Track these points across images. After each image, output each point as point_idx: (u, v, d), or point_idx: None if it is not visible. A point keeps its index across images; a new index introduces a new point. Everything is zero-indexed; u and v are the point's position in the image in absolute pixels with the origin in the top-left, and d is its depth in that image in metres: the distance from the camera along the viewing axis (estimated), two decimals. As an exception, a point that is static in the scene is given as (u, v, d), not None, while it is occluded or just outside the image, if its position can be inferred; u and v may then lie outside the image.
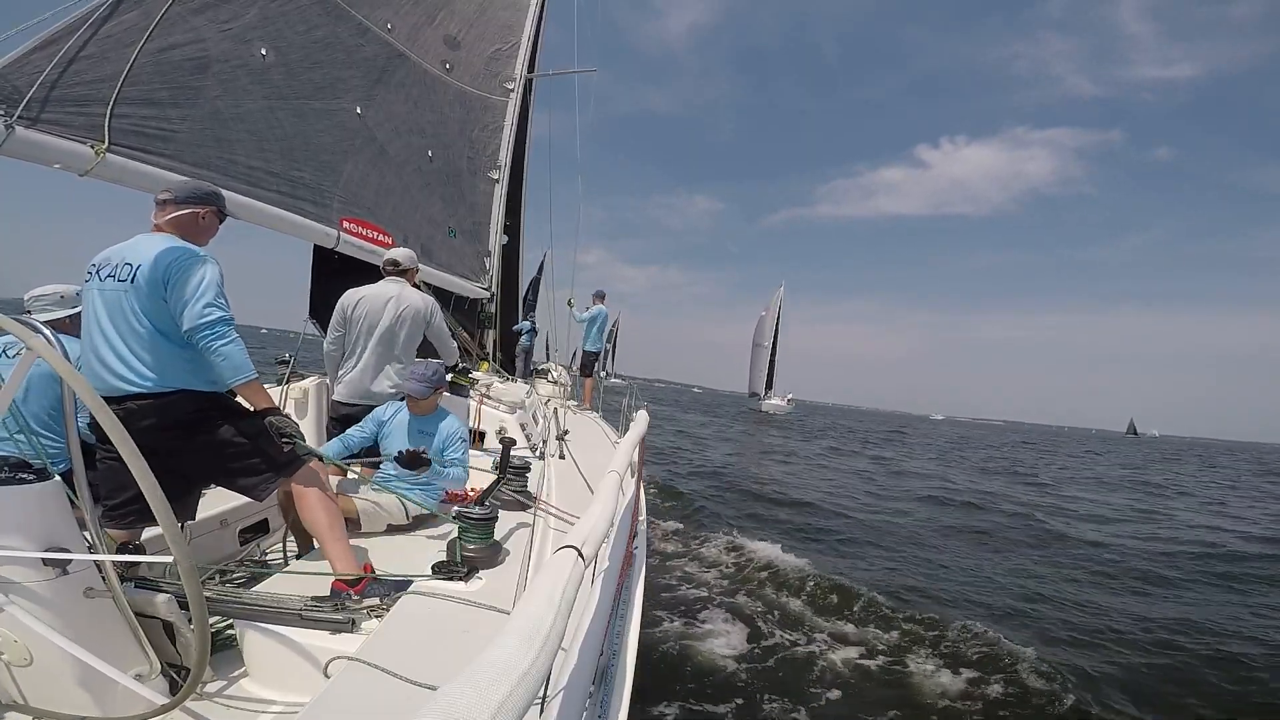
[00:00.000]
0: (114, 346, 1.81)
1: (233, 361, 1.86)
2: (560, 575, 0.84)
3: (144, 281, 1.81)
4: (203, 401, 1.90)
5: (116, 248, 1.91)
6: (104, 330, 1.82)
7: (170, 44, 2.95)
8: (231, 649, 1.74)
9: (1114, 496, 15.25)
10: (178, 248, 1.87)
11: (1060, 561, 7.65)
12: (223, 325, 1.85)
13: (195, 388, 1.88)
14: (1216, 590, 6.84)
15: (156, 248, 1.85)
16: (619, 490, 1.51)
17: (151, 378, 1.81)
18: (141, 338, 1.82)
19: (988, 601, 5.86)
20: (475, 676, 0.53)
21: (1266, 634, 5.33)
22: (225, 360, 1.85)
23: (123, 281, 1.82)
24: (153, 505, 1.24)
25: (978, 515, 10.57)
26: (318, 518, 2.00)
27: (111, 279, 1.84)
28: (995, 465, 22.53)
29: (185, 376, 1.86)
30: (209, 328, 1.82)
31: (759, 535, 7.26)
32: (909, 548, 7.85)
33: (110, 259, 1.88)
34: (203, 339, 1.82)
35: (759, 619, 4.94)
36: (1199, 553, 8.55)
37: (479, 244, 5.93)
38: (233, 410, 1.97)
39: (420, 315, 3.30)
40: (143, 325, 1.82)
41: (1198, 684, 4.38)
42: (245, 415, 1.98)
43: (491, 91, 6.00)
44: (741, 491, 10.85)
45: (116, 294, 1.83)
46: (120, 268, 1.84)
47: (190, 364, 1.87)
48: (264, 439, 1.95)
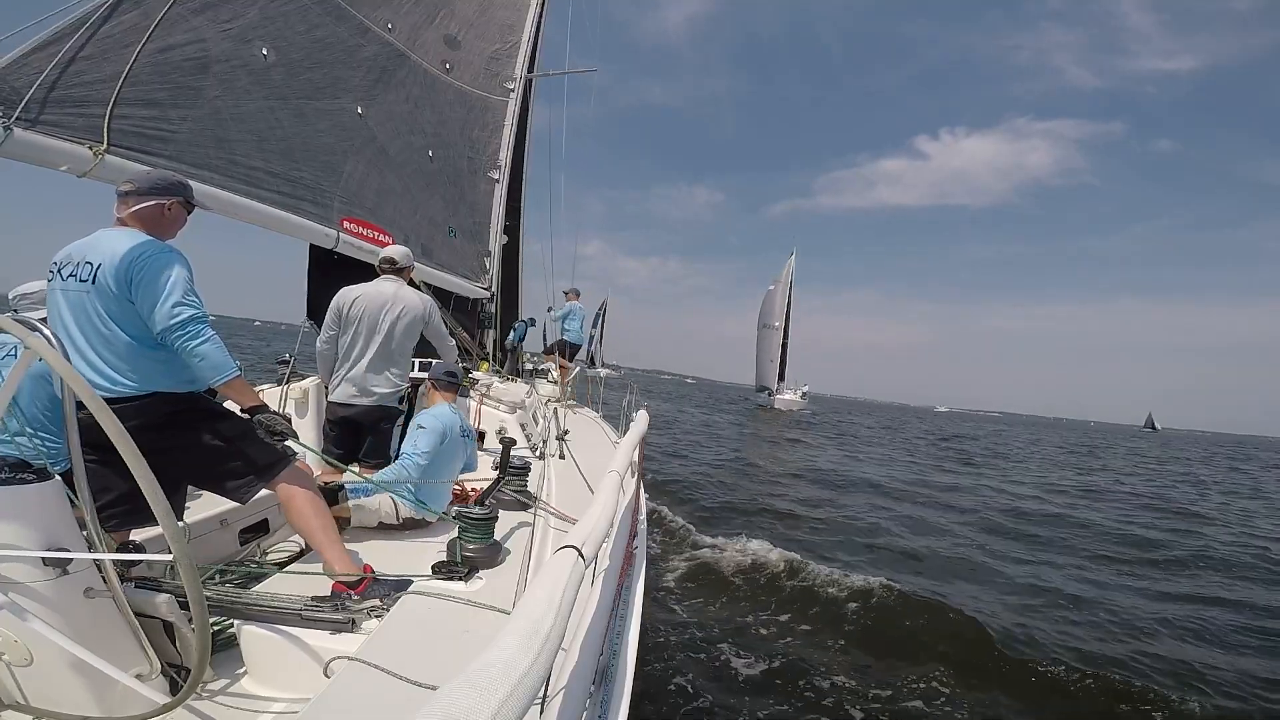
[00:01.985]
0: (80, 351, 1.73)
1: (211, 360, 1.78)
2: (560, 575, 0.84)
3: (107, 281, 1.71)
4: (179, 403, 1.84)
5: (78, 244, 1.81)
6: (70, 333, 1.74)
7: (170, 44, 2.95)
8: (231, 649, 1.74)
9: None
10: (141, 244, 1.77)
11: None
12: (195, 324, 1.75)
13: (170, 389, 1.81)
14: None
15: (119, 244, 1.75)
16: (619, 490, 1.52)
17: (123, 382, 1.75)
18: (109, 340, 1.74)
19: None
20: (475, 676, 0.53)
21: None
22: (203, 360, 1.77)
23: (84, 281, 1.73)
24: (153, 506, 1.24)
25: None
26: (308, 521, 1.94)
27: (73, 279, 1.75)
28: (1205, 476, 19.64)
29: (159, 378, 1.79)
30: (181, 327, 1.73)
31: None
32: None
33: (71, 256, 1.77)
34: (176, 339, 1.74)
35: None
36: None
37: (479, 244, 5.93)
38: (212, 412, 1.91)
39: (418, 314, 3.27)
40: (108, 328, 1.74)
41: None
42: (225, 416, 1.93)
43: (491, 91, 6.00)
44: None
45: (79, 295, 1.74)
46: (81, 266, 1.74)
47: (163, 365, 1.80)
48: (245, 440, 1.89)
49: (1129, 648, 4.84)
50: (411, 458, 2.65)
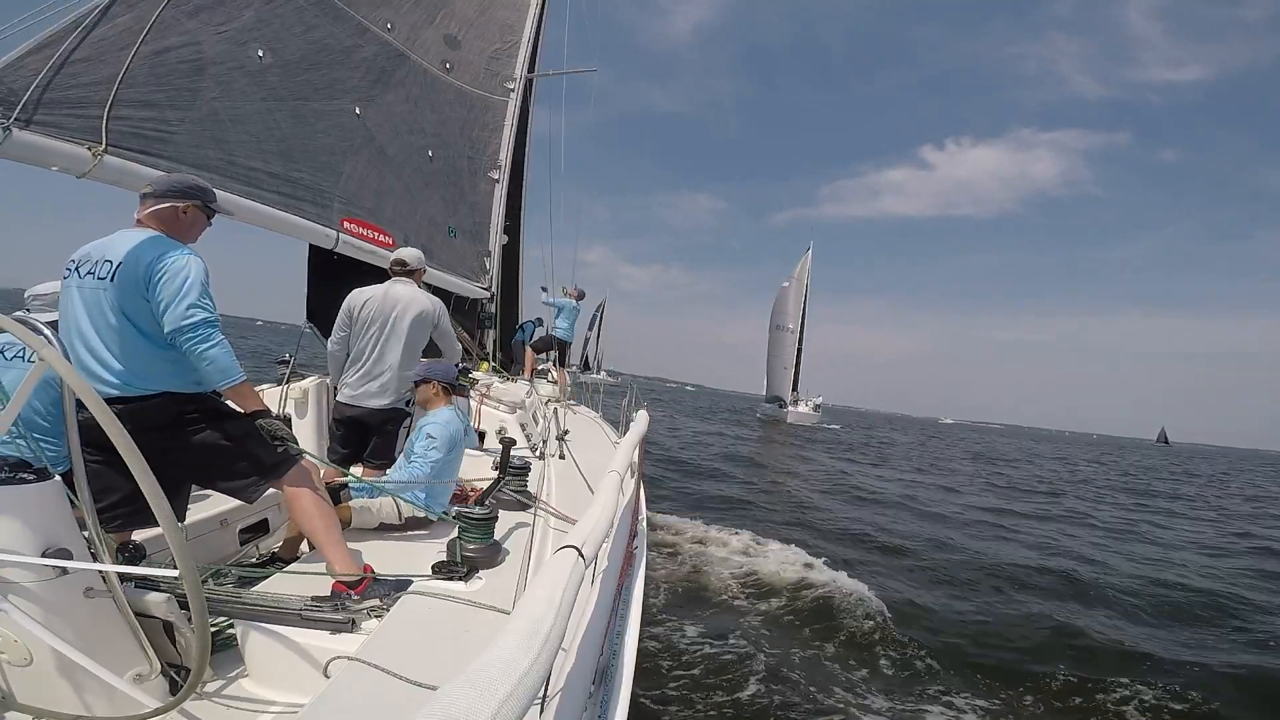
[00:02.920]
0: (92, 347, 1.74)
1: (219, 365, 1.79)
2: (560, 575, 0.84)
3: (124, 279, 1.73)
4: (186, 403, 1.84)
5: (97, 243, 1.83)
6: (82, 330, 1.76)
7: (165, 46, 2.94)
8: (231, 649, 1.74)
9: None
10: (160, 245, 1.79)
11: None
12: (206, 328, 1.77)
13: (178, 389, 1.82)
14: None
15: (137, 244, 1.78)
16: (619, 490, 1.52)
17: (132, 380, 1.75)
18: (121, 338, 1.75)
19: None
20: (475, 676, 0.53)
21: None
22: (211, 364, 1.78)
23: (102, 279, 1.75)
24: (154, 506, 1.24)
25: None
26: (313, 521, 1.95)
27: (91, 276, 1.77)
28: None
29: (167, 378, 1.80)
30: (192, 330, 1.74)
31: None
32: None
33: (90, 255, 1.80)
34: (186, 342, 1.75)
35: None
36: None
37: (479, 244, 5.93)
38: (218, 412, 1.92)
39: (429, 317, 3.29)
40: (122, 325, 1.75)
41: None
42: (232, 416, 1.93)
43: (492, 91, 5.99)
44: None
45: (95, 292, 1.76)
46: (100, 265, 1.76)
47: (173, 364, 1.81)
48: (251, 440, 1.90)
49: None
50: (423, 467, 2.67)
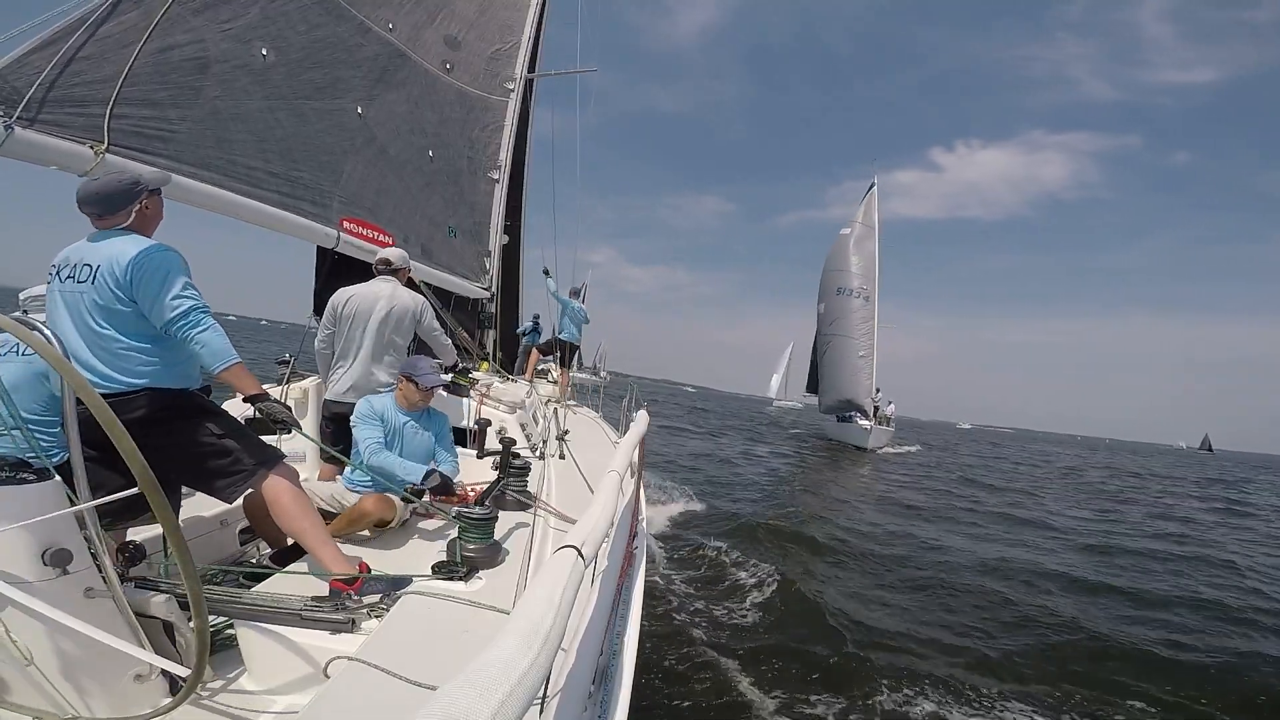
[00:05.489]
0: (73, 349, 1.77)
1: (212, 348, 1.83)
2: (560, 575, 0.84)
3: (105, 282, 1.77)
4: (169, 400, 1.86)
5: (74, 247, 1.87)
6: (64, 332, 1.78)
7: (170, 44, 2.94)
8: (231, 649, 1.74)
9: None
10: (136, 245, 1.82)
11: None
12: (196, 313, 1.82)
13: (161, 385, 1.84)
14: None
15: (115, 248, 1.81)
16: (619, 490, 1.51)
17: (114, 377, 1.78)
18: (102, 338, 1.79)
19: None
20: (475, 676, 0.53)
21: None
22: (205, 348, 1.83)
23: (82, 282, 1.79)
24: (153, 505, 1.24)
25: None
26: (297, 522, 1.94)
27: (71, 280, 1.80)
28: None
29: (150, 374, 1.83)
30: (183, 317, 1.79)
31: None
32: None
33: (69, 259, 1.84)
34: (179, 329, 1.80)
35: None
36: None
37: (479, 244, 5.93)
38: (202, 409, 1.93)
39: (411, 314, 3.34)
40: (102, 326, 1.79)
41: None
42: (214, 414, 1.94)
43: (492, 91, 5.99)
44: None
45: (75, 295, 1.80)
46: (79, 268, 1.80)
47: (156, 361, 1.83)
48: (233, 438, 1.91)
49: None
50: (359, 449, 2.64)
